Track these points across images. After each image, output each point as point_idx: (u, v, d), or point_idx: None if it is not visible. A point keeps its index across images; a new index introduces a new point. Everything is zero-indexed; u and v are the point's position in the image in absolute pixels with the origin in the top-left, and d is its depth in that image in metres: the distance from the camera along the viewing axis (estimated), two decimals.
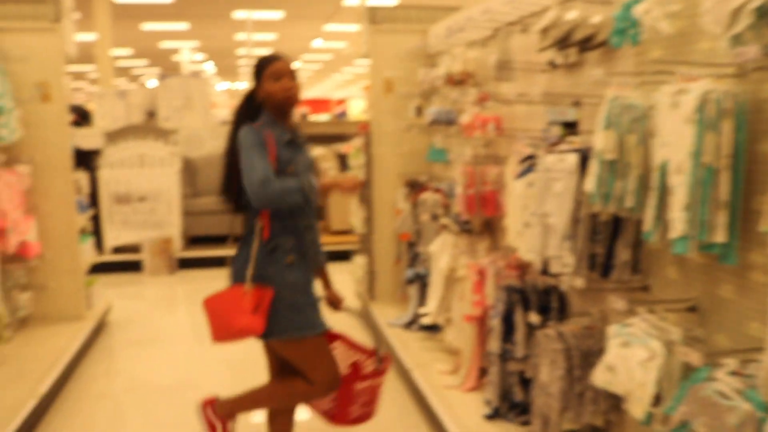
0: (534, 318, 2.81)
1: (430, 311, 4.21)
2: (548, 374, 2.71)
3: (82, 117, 8.75)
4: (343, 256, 7.35)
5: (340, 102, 31.94)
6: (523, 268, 3.28)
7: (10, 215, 4.28)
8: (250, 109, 2.65)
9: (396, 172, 5.23)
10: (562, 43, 2.67)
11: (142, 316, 6.19)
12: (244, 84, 29.42)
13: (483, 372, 3.68)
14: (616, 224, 2.39)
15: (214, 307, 2.65)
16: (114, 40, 16.17)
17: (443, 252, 4.06)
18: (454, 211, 4.34)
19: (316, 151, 8.58)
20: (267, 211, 2.57)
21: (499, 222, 3.90)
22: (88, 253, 5.32)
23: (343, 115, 18.13)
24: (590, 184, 2.21)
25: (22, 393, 3.71)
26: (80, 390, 4.28)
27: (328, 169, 8.17)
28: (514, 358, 3.13)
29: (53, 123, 4.85)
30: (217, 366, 4.81)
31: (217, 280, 7.65)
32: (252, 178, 2.42)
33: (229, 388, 4.21)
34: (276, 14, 14.54)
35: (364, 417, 2.91)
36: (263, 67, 2.61)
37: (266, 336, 2.61)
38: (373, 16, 5.26)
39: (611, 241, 2.40)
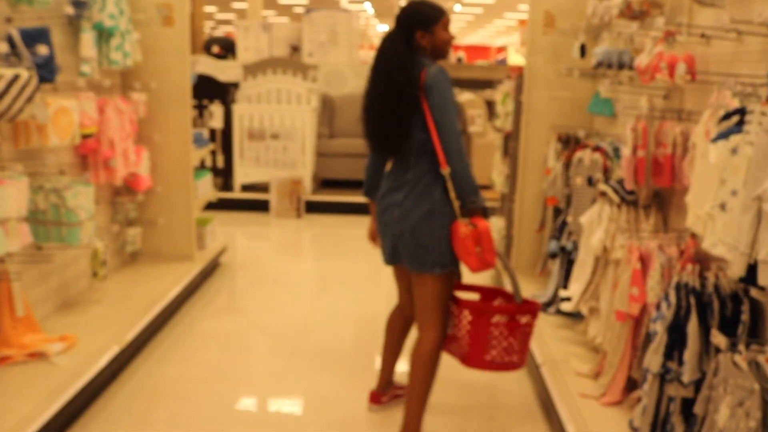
0: (719, 340, 2.01)
1: (572, 296, 3.46)
2: (730, 420, 1.93)
3: (226, 49, 8.55)
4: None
5: (501, 50, 30.49)
6: (703, 262, 2.45)
7: (118, 145, 3.98)
8: (408, 54, 2.64)
9: (549, 123, 4.42)
10: None
11: (260, 258, 5.89)
12: None
13: (631, 384, 2.91)
14: None
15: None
16: None
17: (597, 226, 3.27)
18: (615, 176, 3.52)
19: (465, 97, 7.85)
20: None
21: (674, 196, 3.05)
22: (204, 190, 5.01)
23: (503, 63, 17.06)
24: None
25: (108, 337, 3.42)
26: (181, 333, 3.98)
27: (476, 116, 7.43)
28: (680, 381, 2.34)
29: (173, 49, 4.47)
30: (339, 310, 4.58)
31: (346, 227, 7.32)
32: (456, 148, 2.58)
33: (350, 333, 4.18)
34: None
35: (508, 365, 2.75)
36: (439, 16, 2.68)
37: (431, 268, 2.70)
38: None
39: None
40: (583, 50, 4.02)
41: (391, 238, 2.77)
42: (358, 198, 7.39)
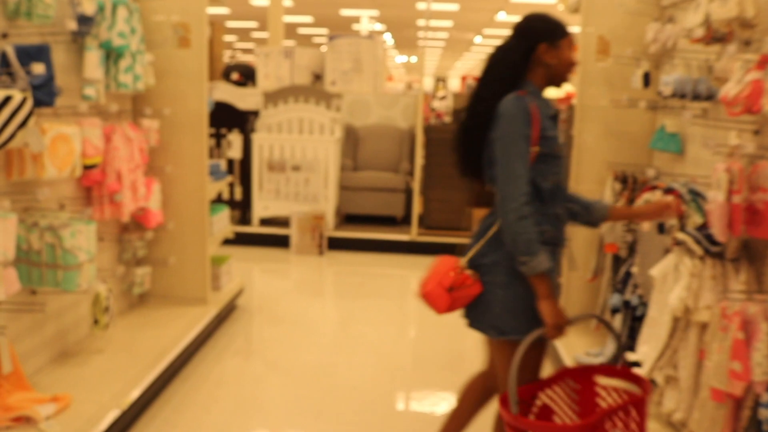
0: None
1: (643, 361, 2.98)
2: None
3: (245, 76, 8.23)
4: None
5: None
6: None
7: (126, 177, 3.58)
8: (519, 71, 2.27)
9: (604, 160, 3.98)
10: None
11: (280, 297, 5.46)
12: (414, 58, 28.43)
13: None
14: None
15: (431, 269, 2.35)
16: (294, 6, 15.87)
17: (674, 281, 2.81)
18: (691, 222, 3.05)
19: None
20: None
21: None
22: (220, 227, 4.59)
23: None
24: None
25: (108, 396, 2.99)
26: (191, 386, 3.53)
27: None
28: None
29: (190, 72, 4.08)
30: (362, 353, 4.25)
31: (372, 265, 6.84)
32: (508, 193, 2.16)
33: (373, 375, 3.85)
34: None
35: None
36: (564, 32, 2.32)
37: (486, 330, 2.31)
38: None
39: None
40: (646, 79, 3.59)
41: None
42: (384, 234, 7.04)
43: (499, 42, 2.35)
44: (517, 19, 2.40)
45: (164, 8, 3.98)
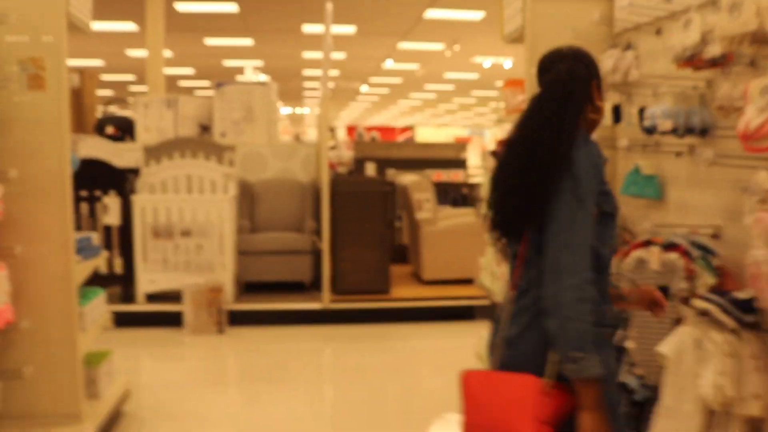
0: None
1: None
2: None
3: (122, 130, 7.24)
4: (435, 315, 5.75)
5: (405, 130, 30.51)
6: None
7: None
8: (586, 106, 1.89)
9: None
10: None
11: (175, 392, 4.49)
12: (306, 110, 28.02)
13: None
14: None
15: (483, 395, 1.78)
16: (175, 58, 14.93)
17: (700, 362, 2.20)
18: (702, 284, 2.48)
19: (409, 179, 6.86)
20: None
21: None
22: (95, 316, 3.62)
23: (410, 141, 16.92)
24: None
25: None
26: None
27: (425, 201, 6.41)
28: None
29: (45, 123, 3.18)
30: None
31: (281, 341, 5.88)
32: (568, 265, 1.69)
33: None
34: (347, 29, 13.04)
35: None
36: (600, 76, 1.96)
37: None
38: None
39: None
40: (617, 114, 3.06)
41: None
42: (292, 304, 6.21)
43: (558, 69, 1.87)
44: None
45: (8, 38, 3.08)
